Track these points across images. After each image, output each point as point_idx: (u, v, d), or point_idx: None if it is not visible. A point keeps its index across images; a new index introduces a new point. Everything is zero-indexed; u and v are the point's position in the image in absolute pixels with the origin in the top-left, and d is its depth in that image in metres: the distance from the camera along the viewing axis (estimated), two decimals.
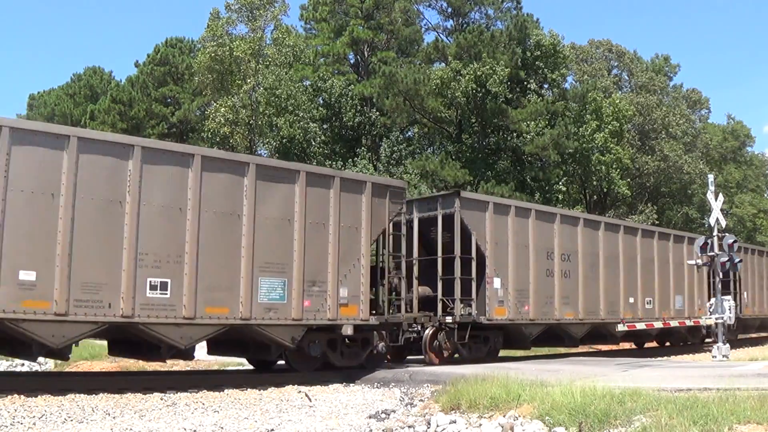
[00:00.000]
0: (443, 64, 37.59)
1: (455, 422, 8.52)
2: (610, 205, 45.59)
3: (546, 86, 37.74)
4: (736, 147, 64.07)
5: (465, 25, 38.80)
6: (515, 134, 35.48)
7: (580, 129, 36.60)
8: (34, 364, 17.62)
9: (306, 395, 11.43)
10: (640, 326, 19.74)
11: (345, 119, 37.82)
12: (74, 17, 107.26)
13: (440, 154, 36.78)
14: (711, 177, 20.63)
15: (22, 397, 9.92)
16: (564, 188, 35.82)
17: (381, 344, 14.30)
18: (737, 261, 19.29)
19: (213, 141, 35.34)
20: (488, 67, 32.96)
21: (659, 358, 19.17)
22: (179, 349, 11.73)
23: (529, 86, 35.80)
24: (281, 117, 33.94)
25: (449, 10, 40.21)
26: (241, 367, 16.24)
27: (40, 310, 10.31)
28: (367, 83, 38.18)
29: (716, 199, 19.62)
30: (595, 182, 40.84)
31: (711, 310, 19.29)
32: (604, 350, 23.31)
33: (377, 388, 12.56)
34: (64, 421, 8.76)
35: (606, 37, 62.52)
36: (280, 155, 32.52)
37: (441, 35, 41.75)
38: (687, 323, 21.43)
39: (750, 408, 7.14)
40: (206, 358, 15.75)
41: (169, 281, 11.43)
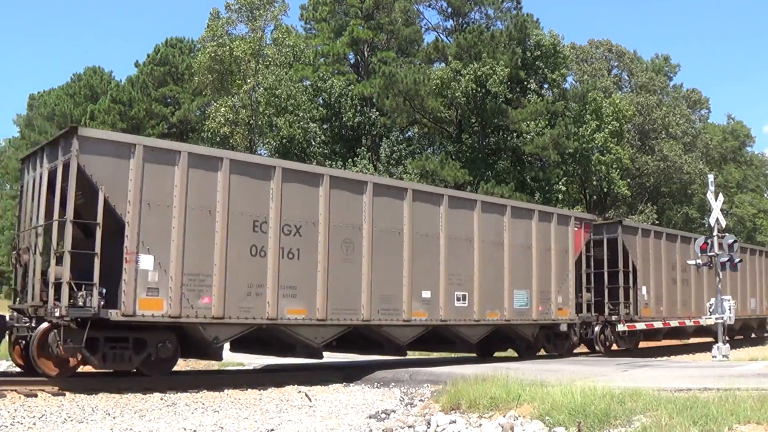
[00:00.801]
0: (443, 64, 37.61)
1: (455, 422, 8.51)
2: (610, 205, 45.60)
3: (546, 86, 37.77)
4: (736, 147, 64.11)
5: (465, 25, 38.83)
6: (515, 134, 35.50)
7: (580, 129, 36.62)
8: None
9: (306, 395, 11.43)
10: (639, 326, 19.98)
11: (345, 119, 37.83)
12: (74, 17, 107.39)
13: (440, 154, 36.81)
14: (711, 177, 20.65)
15: (22, 397, 9.92)
16: (564, 188, 35.84)
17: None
18: (738, 261, 19.33)
19: (213, 141, 35.35)
20: (488, 67, 32.98)
21: (659, 358, 19.20)
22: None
23: (529, 86, 35.81)
24: (281, 117, 33.96)
25: (449, 10, 40.25)
26: (241, 368, 16.25)
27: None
28: (367, 83, 38.18)
29: (716, 199, 19.63)
30: (595, 182, 40.86)
31: (711, 310, 19.29)
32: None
33: (377, 388, 12.55)
34: (64, 421, 8.76)
35: (606, 37, 62.71)
36: (280, 155, 32.53)
37: (441, 35, 41.83)
38: (687, 323, 21.48)
39: (750, 408, 7.13)
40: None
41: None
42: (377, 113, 38.40)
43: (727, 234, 19.85)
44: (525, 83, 35.87)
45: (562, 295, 17.69)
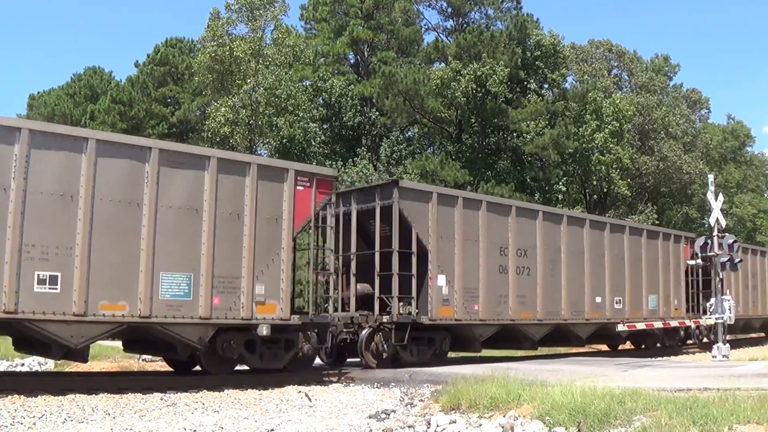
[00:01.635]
0: (443, 64, 37.61)
1: (455, 422, 8.51)
2: (610, 205, 45.60)
3: (546, 86, 37.79)
4: (736, 147, 64.12)
5: (465, 25, 38.86)
6: (515, 134, 35.50)
7: (580, 129, 36.63)
8: (34, 364, 17.62)
9: (306, 395, 11.43)
10: (640, 326, 19.70)
11: (345, 119, 37.83)
12: (74, 17, 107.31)
13: (440, 154, 36.81)
14: (711, 177, 20.65)
15: (22, 397, 9.91)
16: (564, 188, 35.85)
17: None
18: (737, 261, 19.32)
19: (213, 141, 35.35)
20: (488, 67, 32.98)
21: (659, 359, 19.17)
22: None
23: (529, 86, 35.82)
24: (281, 117, 33.96)
25: (449, 10, 40.30)
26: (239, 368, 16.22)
27: None
28: (367, 83, 38.21)
29: (716, 199, 19.63)
30: (595, 182, 40.86)
31: (711, 310, 19.30)
32: (603, 350, 23.28)
33: (377, 388, 12.56)
34: (64, 421, 8.76)
35: (606, 37, 62.66)
36: (279, 155, 32.54)
37: (441, 35, 41.88)
38: (687, 323, 21.46)
39: (750, 408, 7.13)
40: None
41: None
42: (377, 113, 38.41)
43: (727, 234, 19.85)
44: (525, 83, 35.88)
45: (265, 284, 12.40)
